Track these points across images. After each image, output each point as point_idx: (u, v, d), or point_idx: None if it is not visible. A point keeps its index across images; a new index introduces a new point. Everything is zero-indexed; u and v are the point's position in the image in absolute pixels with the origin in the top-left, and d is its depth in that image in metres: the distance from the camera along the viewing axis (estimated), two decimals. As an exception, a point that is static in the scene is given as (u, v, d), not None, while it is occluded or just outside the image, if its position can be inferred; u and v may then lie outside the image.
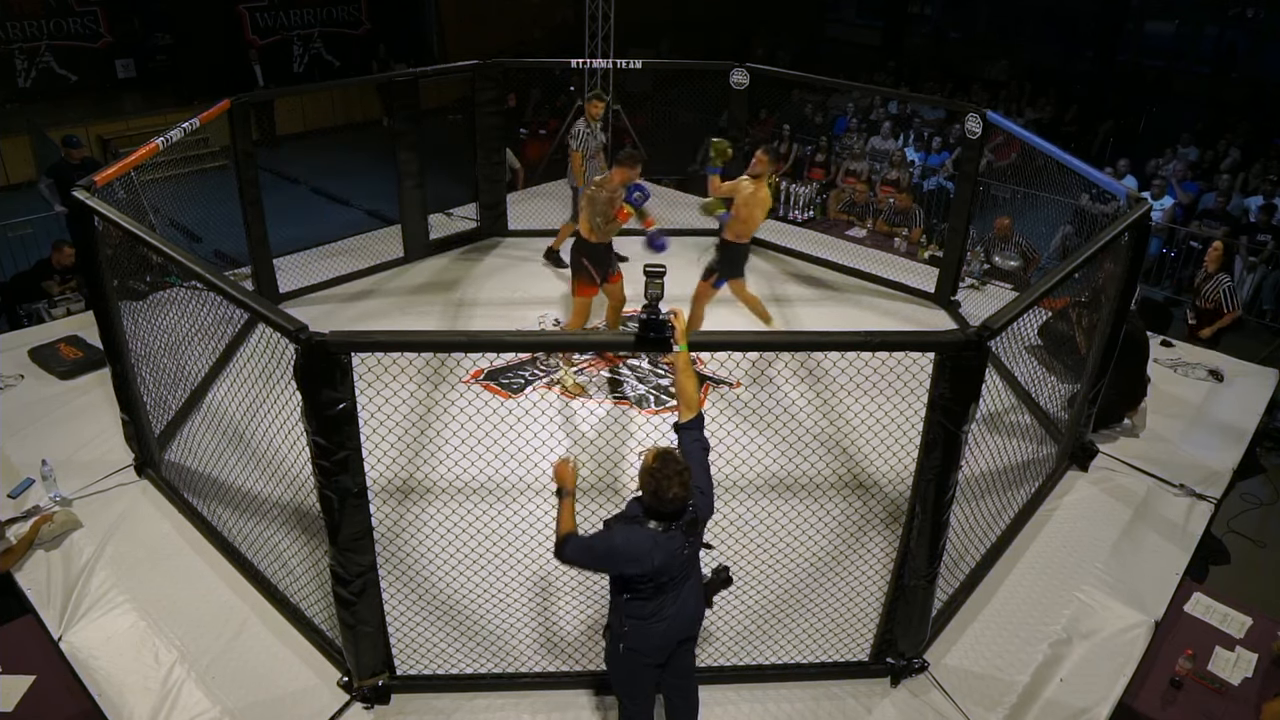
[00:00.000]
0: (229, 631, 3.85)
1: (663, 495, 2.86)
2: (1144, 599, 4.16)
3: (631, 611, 3.02)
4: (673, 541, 2.93)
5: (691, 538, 3.00)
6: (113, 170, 4.51)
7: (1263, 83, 15.50)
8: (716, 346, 5.17)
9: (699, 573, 3.16)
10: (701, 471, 3.06)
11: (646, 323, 2.89)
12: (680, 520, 2.94)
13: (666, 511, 2.90)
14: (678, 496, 2.87)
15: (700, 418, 3.14)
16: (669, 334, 2.91)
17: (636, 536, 2.92)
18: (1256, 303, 8.81)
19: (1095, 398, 4.91)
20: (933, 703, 3.64)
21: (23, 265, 7.45)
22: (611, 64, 9.33)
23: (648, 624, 3.02)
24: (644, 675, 3.15)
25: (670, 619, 3.03)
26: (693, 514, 2.97)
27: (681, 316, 2.99)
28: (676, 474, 2.86)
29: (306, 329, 2.92)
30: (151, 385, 4.70)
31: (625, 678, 3.18)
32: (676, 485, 2.86)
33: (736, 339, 3.81)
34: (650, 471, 2.89)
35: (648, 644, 3.05)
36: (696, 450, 3.09)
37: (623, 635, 3.05)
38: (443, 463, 4.55)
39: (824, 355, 5.67)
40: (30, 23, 12.58)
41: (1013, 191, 9.75)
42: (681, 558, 2.98)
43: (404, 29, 15.83)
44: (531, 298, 6.90)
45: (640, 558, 2.89)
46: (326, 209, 10.91)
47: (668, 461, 2.88)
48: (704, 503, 3.03)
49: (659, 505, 2.89)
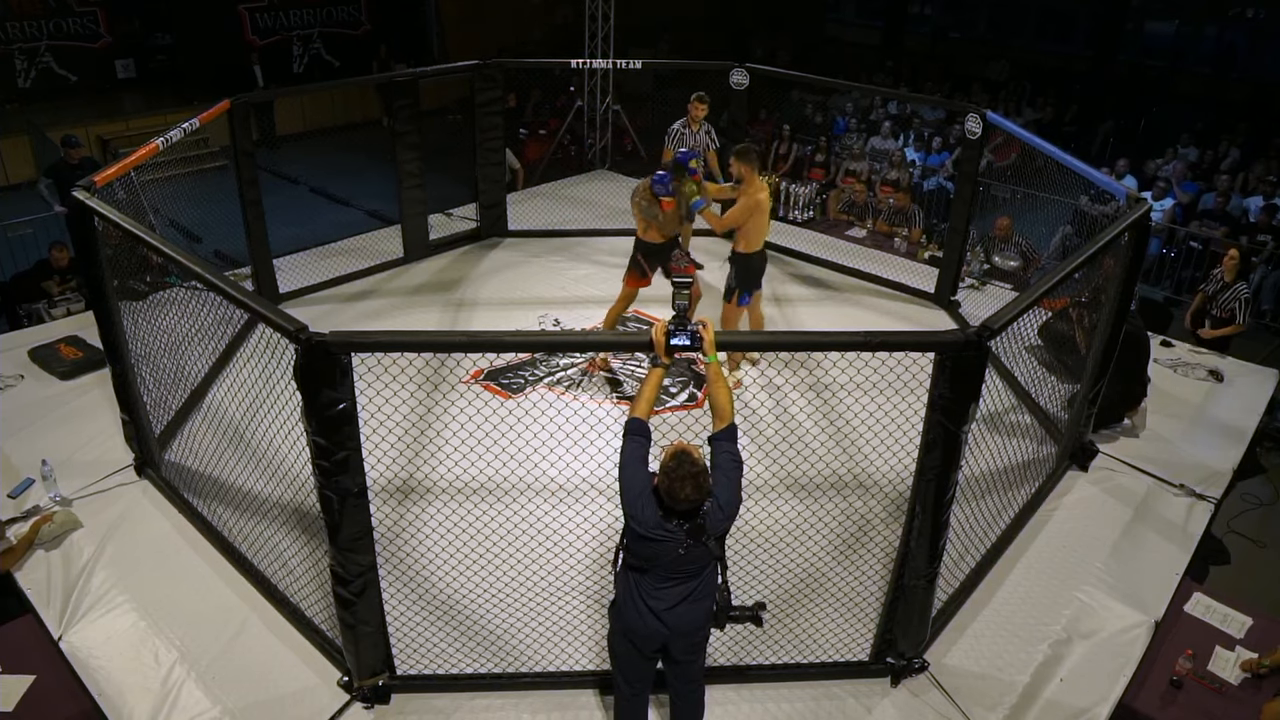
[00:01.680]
0: (229, 631, 3.85)
1: (675, 494, 2.85)
2: (1144, 599, 4.16)
3: (624, 579, 3.04)
4: (673, 533, 2.91)
5: (691, 541, 2.94)
6: (113, 170, 4.51)
7: (1263, 83, 15.50)
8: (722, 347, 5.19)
9: (706, 586, 3.08)
10: (727, 485, 2.98)
11: (675, 332, 2.89)
12: (687, 519, 2.91)
13: (678, 510, 2.89)
14: (689, 498, 2.85)
15: (733, 428, 3.06)
16: (698, 345, 2.91)
17: (644, 499, 2.92)
18: (1256, 303, 8.81)
19: (1095, 398, 4.91)
20: (933, 703, 3.64)
21: (23, 265, 7.45)
22: (611, 64, 9.33)
23: (634, 602, 3.02)
24: (634, 660, 3.15)
25: (657, 610, 3.01)
26: (700, 520, 2.92)
27: (711, 327, 2.97)
28: (691, 476, 2.84)
29: (306, 329, 2.92)
30: (151, 385, 4.70)
31: (617, 654, 3.19)
32: (690, 487, 2.84)
33: (737, 339, 3.81)
34: (665, 470, 2.88)
35: (630, 622, 3.05)
36: (727, 463, 3.02)
37: (612, 606, 3.10)
38: (443, 463, 4.55)
39: (824, 355, 5.69)
40: (30, 23, 12.57)
41: (1013, 191, 9.75)
42: (675, 553, 2.94)
43: (404, 29, 15.83)
44: (531, 298, 6.90)
45: (640, 512, 2.90)
46: (326, 209, 10.91)
47: (683, 461, 2.86)
48: (719, 515, 2.95)
49: (672, 504, 2.88)
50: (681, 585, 3.03)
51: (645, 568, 3.00)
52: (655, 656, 3.17)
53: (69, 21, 12.94)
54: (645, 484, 2.94)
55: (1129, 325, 5.09)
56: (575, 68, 9.12)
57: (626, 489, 2.95)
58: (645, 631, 3.06)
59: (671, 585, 3.02)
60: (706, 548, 2.97)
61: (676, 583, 3.02)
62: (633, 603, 3.04)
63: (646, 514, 2.91)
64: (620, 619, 3.11)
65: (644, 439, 3.01)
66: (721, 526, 2.98)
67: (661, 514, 2.91)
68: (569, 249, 7.80)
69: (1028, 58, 17.07)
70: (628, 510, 2.95)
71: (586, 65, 9.59)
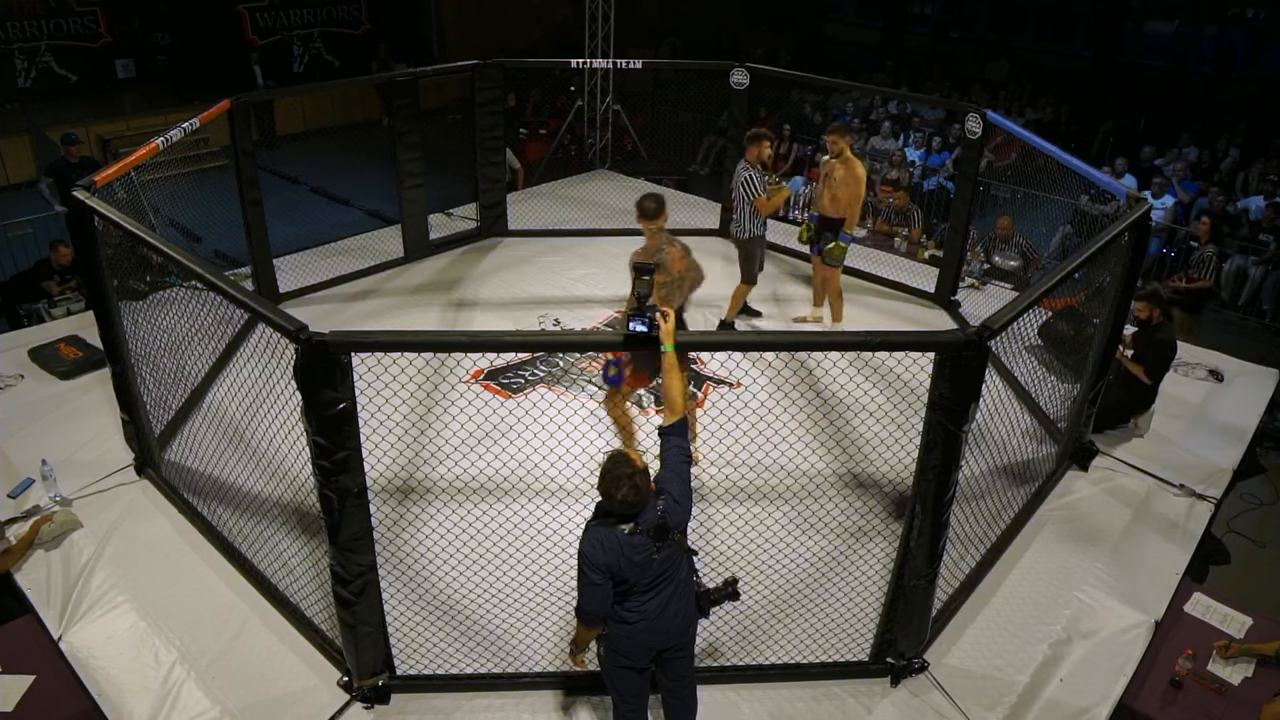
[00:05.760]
0: (229, 631, 3.85)
1: (612, 496, 2.86)
2: (1144, 599, 4.16)
3: (611, 613, 3.02)
4: (638, 545, 2.90)
5: (660, 543, 2.93)
6: (113, 170, 4.51)
7: (1263, 83, 15.50)
8: (716, 346, 5.19)
9: (684, 582, 3.08)
10: (677, 480, 3.01)
11: (634, 318, 2.89)
12: (644, 521, 2.90)
13: (619, 512, 2.89)
14: (626, 499, 2.85)
15: (684, 422, 3.09)
16: (655, 333, 2.91)
17: (603, 537, 2.90)
18: (1256, 303, 8.82)
19: (1095, 398, 4.91)
20: (933, 703, 3.64)
21: (23, 265, 7.45)
22: (611, 64, 9.33)
23: (622, 626, 3.01)
24: (628, 678, 3.13)
25: (646, 624, 3.00)
26: (661, 519, 2.92)
27: (672, 317, 2.97)
28: (626, 476, 2.85)
29: (306, 329, 2.92)
30: (151, 385, 4.70)
31: (611, 678, 3.17)
32: (626, 488, 2.84)
33: (737, 339, 3.81)
34: (603, 471, 2.88)
35: (622, 645, 3.05)
36: (675, 457, 3.04)
37: (603, 636, 3.07)
38: (443, 463, 4.55)
39: (824, 355, 5.69)
40: (30, 23, 12.57)
41: (1013, 191, 9.75)
42: (651, 562, 2.93)
43: (404, 29, 15.83)
44: (531, 298, 6.90)
45: (601, 561, 2.88)
46: (326, 209, 10.90)
47: (617, 463, 2.87)
48: (676, 510, 2.97)
49: (610, 506, 2.89)
50: (662, 591, 3.00)
51: (626, 591, 2.97)
52: (649, 666, 3.16)
53: (69, 21, 12.94)
54: (611, 538, 2.93)
55: (1161, 334, 5.10)
56: (575, 68, 9.12)
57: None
58: (639, 649, 3.05)
59: (653, 595, 2.99)
60: (675, 544, 2.99)
61: (657, 591, 2.99)
62: (622, 628, 3.02)
63: (620, 560, 2.90)
64: (612, 646, 3.08)
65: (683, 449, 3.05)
66: (682, 519, 3.00)
67: (627, 529, 2.90)
68: (569, 249, 7.80)
69: (1028, 58, 17.06)
70: (609, 571, 2.92)
71: (586, 65, 9.59)
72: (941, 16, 20.43)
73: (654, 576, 2.97)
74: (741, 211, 6.07)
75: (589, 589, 2.93)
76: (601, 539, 2.90)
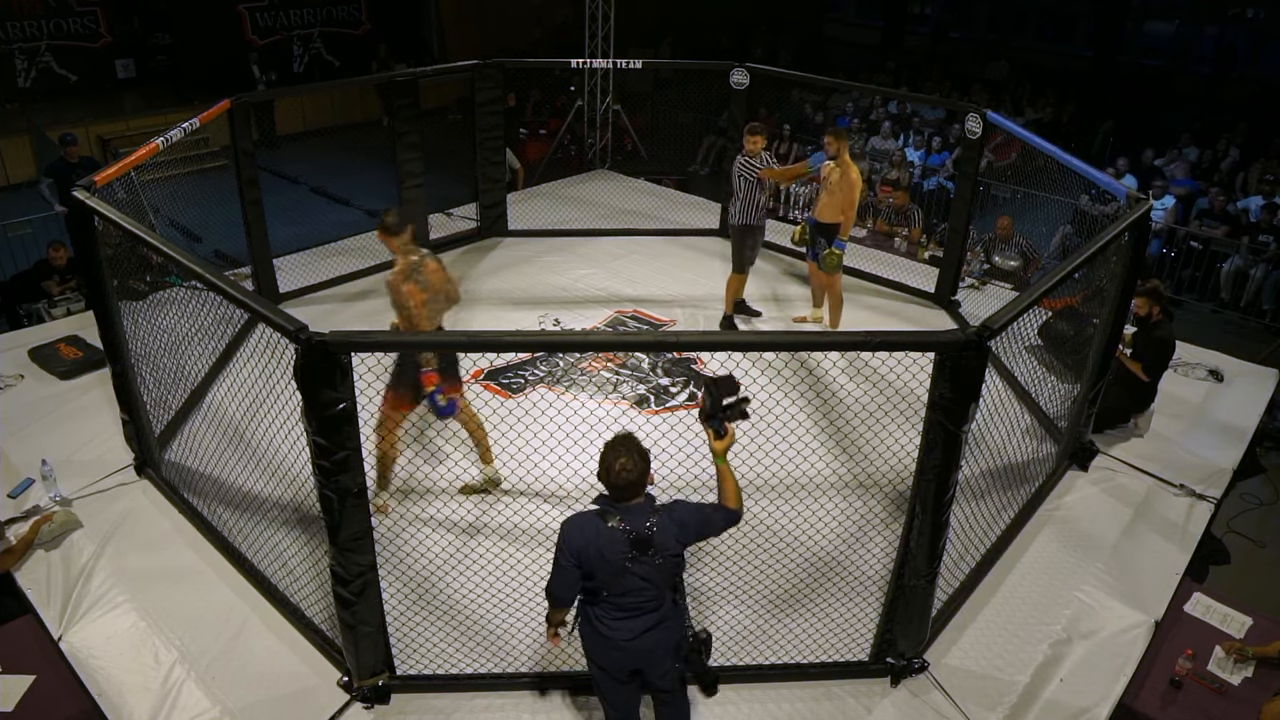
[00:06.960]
0: (229, 631, 3.85)
1: (610, 466, 2.84)
2: (1144, 599, 4.16)
3: (580, 611, 3.02)
4: (615, 540, 2.84)
5: (639, 555, 2.85)
6: (113, 170, 4.51)
7: (1263, 83, 15.50)
8: (717, 346, 5.19)
9: (673, 621, 3.00)
10: (696, 511, 2.96)
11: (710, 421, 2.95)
12: (631, 521, 2.85)
13: (616, 484, 2.85)
14: (624, 469, 2.82)
15: (735, 514, 3.00)
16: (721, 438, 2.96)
17: (584, 521, 2.91)
18: (1257, 303, 8.81)
19: (1095, 398, 4.91)
20: (933, 703, 3.64)
21: (23, 265, 7.45)
22: (611, 64, 9.33)
23: (593, 633, 2.99)
24: (607, 683, 3.08)
25: (622, 645, 2.94)
26: (648, 532, 2.86)
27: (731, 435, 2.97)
28: (625, 449, 2.83)
29: (306, 329, 2.92)
30: (151, 385, 4.70)
31: (593, 679, 3.14)
32: (624, 458, 2.81)
33: (737, 339, 3.81)
34: (604, 447, 2.87)
35: (594, 653, 3.02)
36: (711, 510, 2.99)
37: (579, 633, 3.06)
38: (443, 463, 4.55)
39: (824, 355, 5.69)
40: (30, 23, 12.56)
41: (1013, 191, 9.75)
42: (624, 571, 2.86)
43: (404, 29, 15.83)
44: (531, 298, 6.90)
45: (575, 539, 2.87)
46: (326, 209, 10.90)
47: (621, 439, 2.87)
48: (669, 529, 2.88)
49: (607, 480, 2.86)
50: (642, 618, 2.93)
51: (596, 590, 2.93)
52: (632, 680, 3.07)
53: (69, 21, 12.93)
54: (590, 522, 2.93)
55: (1162, 332, 5.09)
56: (575, 68, 9.12)
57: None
58: (608, 660, 3.01)
59: (629, 619, 2.93)
60: (656, 568, 2.88)
61: (637, 615, 2.93)
62: (593, 635, 2.99)
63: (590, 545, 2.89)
64: (584, 646, 3.07)
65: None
66: (672, 545, 2.89)
67: (609, 521, 2.86)
68: (569, 249, 7.80)
69: (1028, 58, 17.06)
70: (576, 553, 2.91)
71: (586, 65, 9.59)
72: (941, 16, 20.45)
73: (628, 593, 2.90)
74: (736, 200, 6.14)
75: (556, 569, 2.93)
76: (582, 522, 2.90)
